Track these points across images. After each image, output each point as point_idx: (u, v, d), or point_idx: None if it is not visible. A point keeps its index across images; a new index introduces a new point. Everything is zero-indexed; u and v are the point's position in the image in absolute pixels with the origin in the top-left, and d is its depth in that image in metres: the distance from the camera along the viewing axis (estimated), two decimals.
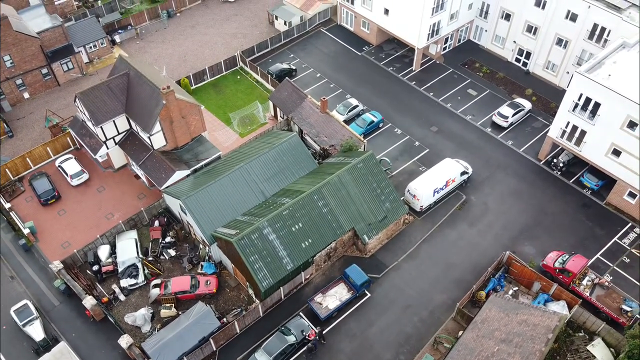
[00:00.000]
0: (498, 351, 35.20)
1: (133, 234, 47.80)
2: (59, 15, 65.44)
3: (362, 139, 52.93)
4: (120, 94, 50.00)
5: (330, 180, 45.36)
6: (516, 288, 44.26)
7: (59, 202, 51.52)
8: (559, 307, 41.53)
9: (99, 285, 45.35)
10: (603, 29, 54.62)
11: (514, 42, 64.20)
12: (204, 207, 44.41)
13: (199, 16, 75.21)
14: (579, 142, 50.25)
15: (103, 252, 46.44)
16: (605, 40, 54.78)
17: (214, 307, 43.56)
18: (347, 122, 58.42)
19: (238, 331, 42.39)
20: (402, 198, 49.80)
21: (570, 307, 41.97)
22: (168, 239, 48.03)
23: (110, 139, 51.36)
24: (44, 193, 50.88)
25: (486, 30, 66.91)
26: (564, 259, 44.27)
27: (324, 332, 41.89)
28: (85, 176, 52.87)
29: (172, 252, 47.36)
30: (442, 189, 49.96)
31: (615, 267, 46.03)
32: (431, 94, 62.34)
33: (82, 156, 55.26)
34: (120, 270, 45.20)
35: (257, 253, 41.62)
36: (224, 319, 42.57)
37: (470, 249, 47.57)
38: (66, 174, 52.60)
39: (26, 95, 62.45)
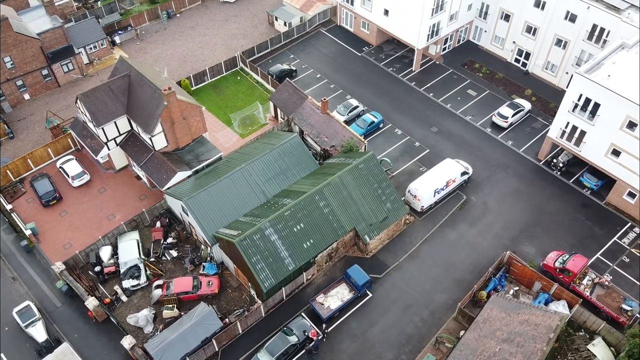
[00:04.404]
0: (500, 351, 35.38)
1: (135, 235, 47.89)
2: (59, 17, 65.49)
3: (363, 140, 53.07)
4: (122, 95, 50.07)
5: (331, 180, 45.51)
6: (517, 288, 44.46)
7: (60, 203, 51.58)
8: (560, 307, 41.75)
9: (101, 286, 45.44)
10: (602, 30, 54.86)
11: (514, 42, 64.44)
12: (205, 208, 44.54)
13: (198, 17, 75.31)
14: (578, 142, 50.48)
15: (105, 253, 46.52)
16: (605, 41, 55.01)
17: (216, 307, 43.69)
18: (348, 122, 58.61)
19: (240, 332, 42.51)
20: (402, 198, 49.99)
21: (570, 307, 42.19)
22: (170, 240, 48.13)
23: (111, 140, 51.44)
24: (45, 194, 50.94)
25: (486, 31, 67.13)
26: (564, 259, 44.47)
27: (326, 329, 42.09)
28: (86, 177, 52.95)
29: (174, 253, 47.45)
30: (442, 189, 50.14)
31: (615, 267, 46.27)
32: (431, 94, 62.53)
33: (83, 157, 55.33)
34: (122, 271, 45.28)
35: (259, 254, 41.75)
36: (226, 320, 42.70)
37: (471, 249, 47.77)
38: (67, 175, 52.67)
39: (27, 96, 62.49)
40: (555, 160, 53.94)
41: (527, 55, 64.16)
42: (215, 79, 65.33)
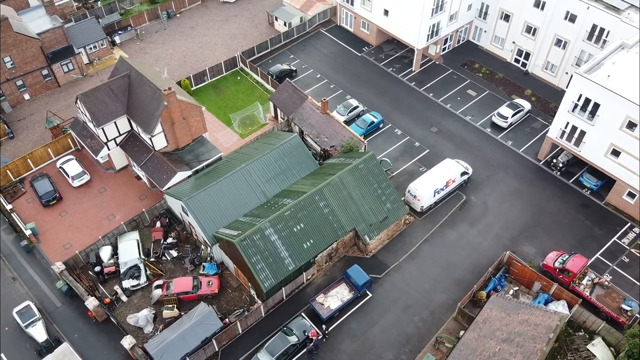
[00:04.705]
0: (500, 351, 35.41)
1: (135, 235, 47.90)
2: (59, 17, 65.47)
3: (363, 140, 53.10)
4: (122, 95, 50.09)
5: (331, 181, 45.52)
6: (517, 288, 44.48)
7: (60, 203, 51.58)
8: (560, 307, 41.78)
9: (101, 287, 45.45)
10: (602, 30, 54.88)
11: (513, 42, 64.46)
12: (205, 208, 44.55)
13: (198, 17, 75.31)
14: (578, 142, 50.51)
15: (105, 253, 46.53)
16: (604, 41, 55.03)
17: (216, 307, 43.70)
18: (348, 122, 58.63)
19: (240, 332, 42.53)
20: (402, 198, 50.01)
21: (570, 307, 42.23)
22: (170, 240, 48.14)
23: (111, 140, 51.45)
24: (45, 194, 50.94)
25: (485, 31, 67.14)
26: (564, 259, 44.51)
27: (326, 330, 42.11)
28: (86, 177, 52.96)
29: (174, 253, 47.47)
30: (442, 189, 50.16)
31: (614, 267, 46.29)
32: (431, 94, 62.56)
33: (83, 157, 55.33)
34: (122, 271, 45.29)
35: (259, 254, 41.78)
36: (227, 320, 42.73)
37: (471, 249, 47.79)
38: (67, 175, 52.68)
39: (27, 96, 62.49)
40: (555, 161, 53.97)
41: (527, 56, 64.18)
42: (215, 79, 65.34)
